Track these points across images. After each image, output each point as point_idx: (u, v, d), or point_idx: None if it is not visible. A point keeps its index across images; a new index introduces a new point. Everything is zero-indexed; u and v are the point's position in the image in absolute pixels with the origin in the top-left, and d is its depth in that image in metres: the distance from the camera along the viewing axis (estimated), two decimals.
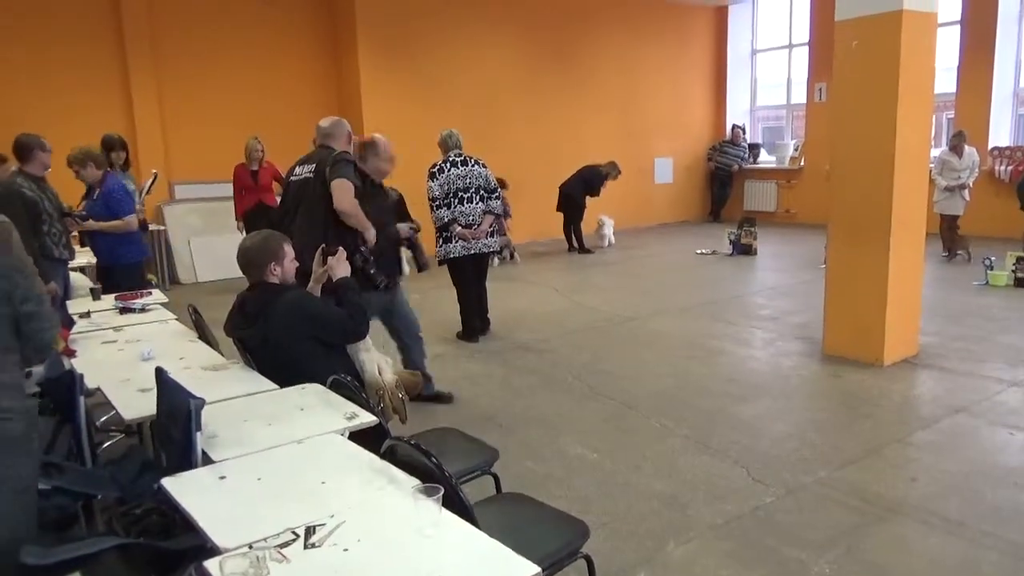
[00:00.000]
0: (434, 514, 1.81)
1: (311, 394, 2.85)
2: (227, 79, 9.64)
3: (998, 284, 7.55)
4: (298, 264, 3.36)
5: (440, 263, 6.11)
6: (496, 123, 10.90)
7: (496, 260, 9.22)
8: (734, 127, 13.66)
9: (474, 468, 2.82)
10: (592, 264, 10.06)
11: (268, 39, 9.91)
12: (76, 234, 5.66)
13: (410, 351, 4.80)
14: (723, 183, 13.72)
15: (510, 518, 2.40)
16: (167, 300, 4.84)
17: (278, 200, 8.55)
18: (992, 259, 7.70)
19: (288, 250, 3.25)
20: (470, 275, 6.14)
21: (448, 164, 5.94)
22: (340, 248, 3.53)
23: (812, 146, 12.46)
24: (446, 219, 5.91)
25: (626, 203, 12.46)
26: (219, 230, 9.19)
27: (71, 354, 3.42)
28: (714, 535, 3.15)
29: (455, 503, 1.95)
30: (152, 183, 7.17)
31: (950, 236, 8.99)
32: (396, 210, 5.51)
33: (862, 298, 5.26)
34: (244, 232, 7.84)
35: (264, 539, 1.79)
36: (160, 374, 2.58)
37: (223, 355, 3.57)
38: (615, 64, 12.51)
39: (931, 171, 8.46)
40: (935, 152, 8.61)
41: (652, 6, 12.75)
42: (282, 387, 2.95)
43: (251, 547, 1.75)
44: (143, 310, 4.48)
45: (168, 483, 2.12)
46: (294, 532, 1.83)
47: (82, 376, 2.68)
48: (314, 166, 4.17)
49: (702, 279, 8.78)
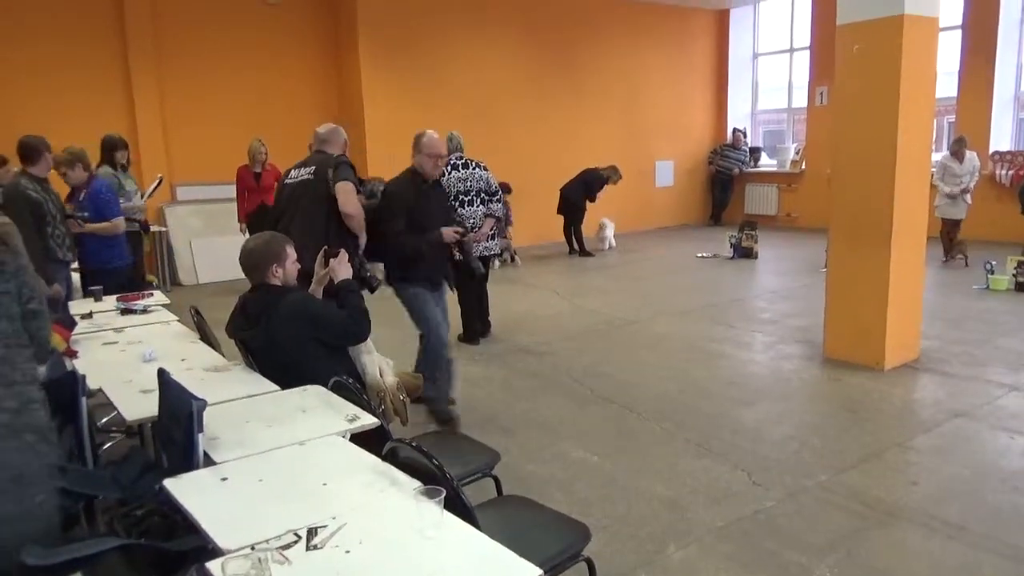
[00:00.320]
0: (436, 516, 1.82)
1: (312, 396, 2.85)
2: (229, 80, 9.65)
3: (999, 288, 7.55)
4: (299, 265, 3.37)
5: None
6: (497, 126, 10.91)
7: (497, 263, 9.22)
8: (735, 131, 13.67)
9: (475, 470, 2.82)
10: (593, 267, 10.07)
11: (270, 40, 9.93)
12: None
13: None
14: (724, 187, 13.73)
15: (511, 520, 2.40)
16: (168, 301, 4.84)
17: None
18: (993, 263, 7.70)
19: (290, 252, 3.25)
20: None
21: (449, 167, 5.94)
22: (342, 250, 3.54)
23: (813, 150, 12.48)
24: None
25: (627, 206, 12.46)
26: (220, 231, 9.21)
27: (73, 355, 3.43)
28: (714, 538, 3.16)
29: (457, 505, 1.95)
30: (156, 187, 7.18)
31: (951, 240, 9.00)
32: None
33: (863, 302, 5.26)
34: (247, 234, 7.85)
35: (266, 540, 1.80)
36: (162, 375, 2.58)
37: (225, 356, 3.57)
38: (616, 67, 12.53)
39: (932, 177, 8.45)
40: (936, 157, 8.62)
41: (654, 9, 12.76)
42: (283, 389, 2.95)
43: (253, 548, 1.75)
44: (145, 311, 4.48)
45: (170, 484, 2.12)
46: (296, 534, 1.83)
47: (84, 377, 2.68)
48: (313, 168, 4.20)
49: (703, 282, 8.78)
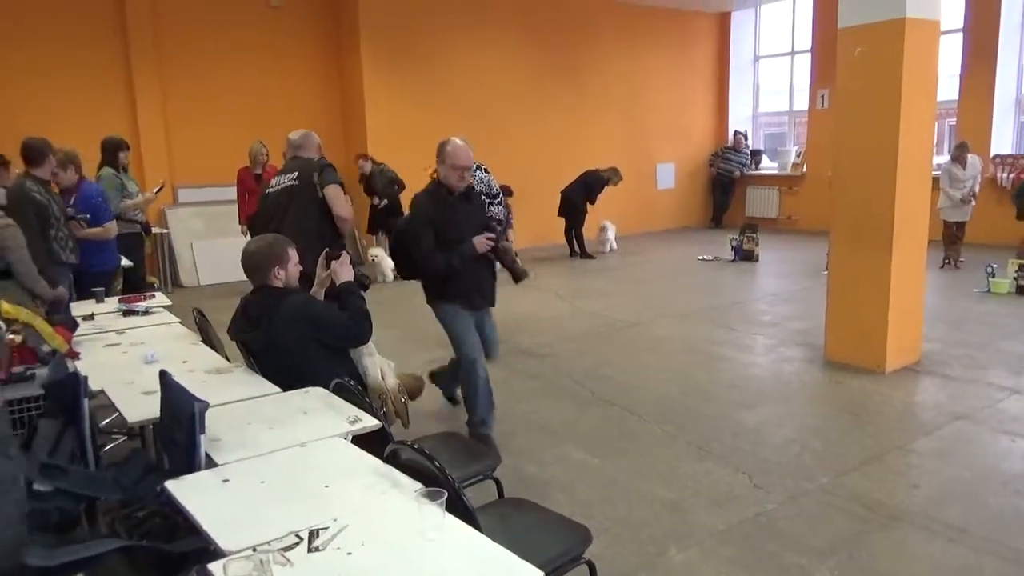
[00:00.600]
0: (437, 518, 1.82)
1: (314, 398, 2.85)
2: (230, 82, 9.66)
3: (1000, 291, 7.55)
4: (301, 268, 3.38)
5: None
6: (498, 128, 10.91)
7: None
8: (736, 133, 13.67)
9: (476, 473, 2.83)
10: (594, 269, 10.07)
11: (272, 42, 9.94)
12: None
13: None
14: (725, 189, 13.73)
15: (513, 523, 2.40)
16: (170, 303, 4.85)
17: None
18: (994, 266, 7.70)
19: (292, 254, 3.26)
20: None
21: None
22: (344, 252, 3.55)
23: (814, 152, 12.48)
24: None
25: (628, 209, 12.47)
26: (221, 233, 9.21)
27: (75, 356, 3.43)
28: (716, 541, 3.16)
29: (458, 507, 1.95)
30: (159, 191, 7.21)
31: (951, 243, 8.98)
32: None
33: (864, 304, 5.26)
34: (248, 236, 7.84)
35: (268, 542, 1.80)
36: (164, 377, 2.58)
37: (227, 358, 3.57)
38: (618, 70, 12.54)
39: (940, 183, 8.42)
40: (937, 160, 8.60)
41: (655, 12, 12.78)
42: (285, 390, 2.95)
43: (255, 550, 1.75)
44: (146, 313, 4.48)
45: (172, 486, 2.12)
46: (298, 535, 1.83)
47: (86, 378, 2.68)
48: (296, 174, 4.25)
49: (704, 285, 8.79)
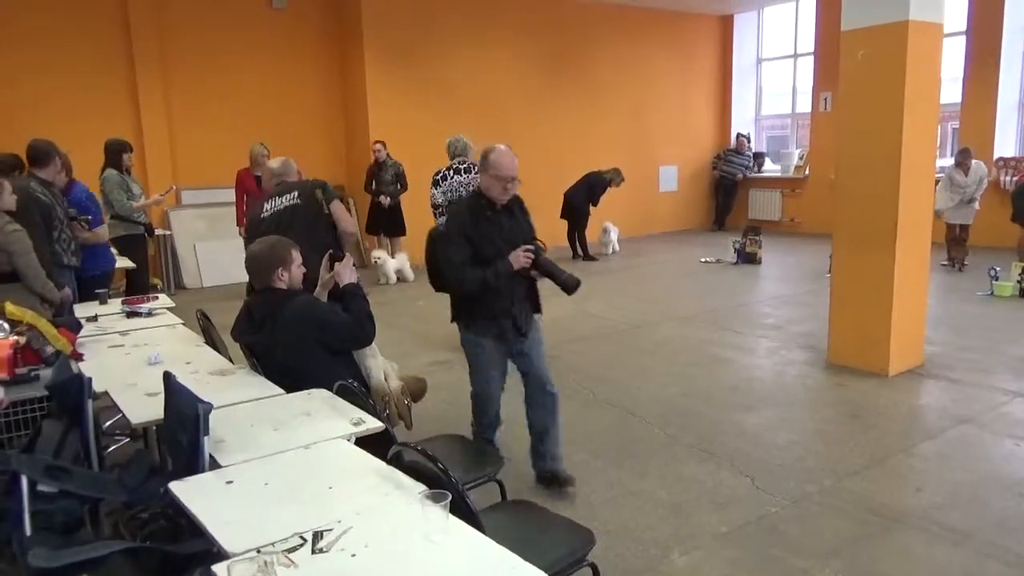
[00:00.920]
0: (441, 520, 1.82)
1: (317, 399, 2.85)
2: (234, 84, 9.68)
3: (1003, 294, 7.53)
4: (304, 270, 3.38)
5: None
6: (501, 130, 10.84)
7: None
8: (739, 136, 13.67)
9: (480, 475, 2.83)
10: (596, 271, 10.06)
11: (275, 44, 9.96)
12: None
13: (538, 412, 3.71)
14: (728, 192, 13.72)
15: (516, 525, 2.40)
16: (173, 305, 4.85)
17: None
18: (997, 269, 7.68)
19: (296, 256, 3.27)
20: None
21: (451, 171, 5.99)
22: (347, 254, 3.55)
23: (817, 155, 12.47)
24: None
25: (631, 211, 12.46)
26: (224, 235, 9.22)
27: (78, 358, 3.44)
28: (719, 544, 3.15)
29: (462, 509, 1.95)
30: (165, 194, 7.27)
31: (956, 245, 8.97)
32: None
33: (867, 307, 5.25)
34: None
35: (272, 544, 1.80)
36: (168, 379, 2.58)
37: (231, 360, 3.58)
38: (621, 72, 12.54)
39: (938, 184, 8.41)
40: (940, 163, 8.59)
41: (658, 15, 12.78)
42: (288, 392, 2.96)
43: (259, 551, 1.76)
44: (150, 314, 4.49)
45: (176, 487, 2.13)
46: (302, 537, 1.83)
47: (90, 380, 2.69)
48: (296, 193, 4.24)
49: (707, 287, 8.78)
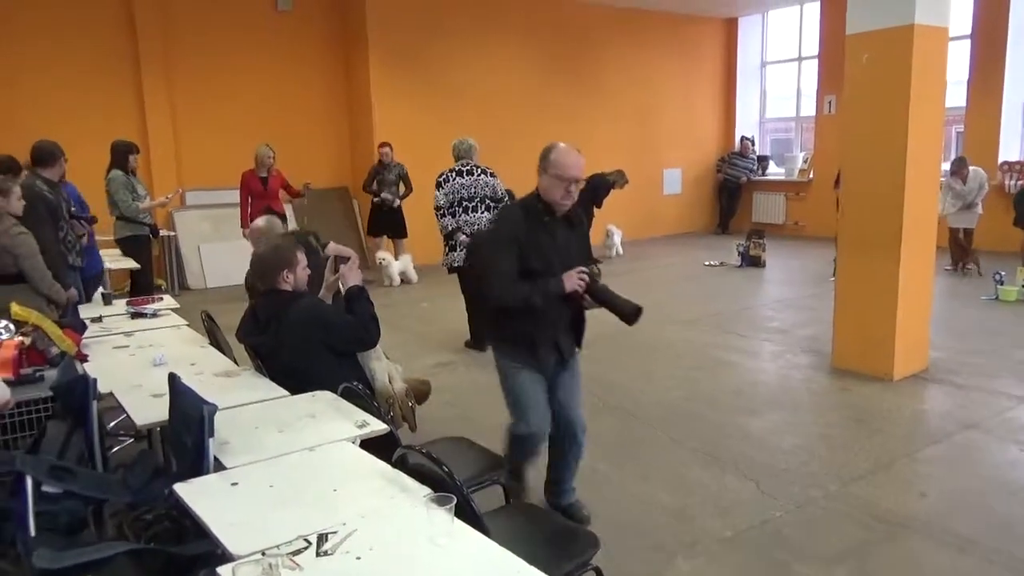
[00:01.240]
0: (446, 524, 1.82)
1: (322, 401, 2.85)
2: (239, 86, 9.69)
3: (1008, 299, 7.50)
4: (309, 272, 3.39)
5: (449, 271, 6.16)
6: (506, 132, 10.91)
7: None
8: (743, 139, 13.65)
9: (484, 478, 2.82)
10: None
11: (280, 46, 9.97)
12: None
13: (558, 461, 3.35)
14: (732, 195, 13.70)
15: (520, 528, 2.40)
16: (178, 306, 4.86)
17: (286, 208, 8.64)
18: (1002, 273, 7.66)
19: (301, 258, 3.27)
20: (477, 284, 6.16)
21: (454, 173, 6.02)
22: (352, 256, 3.55)
23: (821, 158, 12.44)
24: (450, 228, 5.99)
25: (634, 214, 12.45)
26: (229, 236, 9.22)
27: (83, 359, 3.44)
28: (723, 549, 3.15)
29: (467, 513, 1.95)
30: (171, 197, 7.31)
31: (960, 249, 8.96)
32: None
33: (872, 311, 5.24)
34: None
35: (276, 546, 1.80)
36: (173, 380, 2.59)
37: (236, 361, 3.58)
38: (625, 75, 12.54)
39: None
40: (946, 167, 8.58)
41: (662, 17, 12.78)
42: (293, 394, 2.96)
43: (264, 554, 1.76)
44: (155, 315, 4.50)
45: (180, 489, 2.13)
46: (306, 540, 1.83)
47: (95, 381, 2.69)
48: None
49: (710, 290, 8.76)
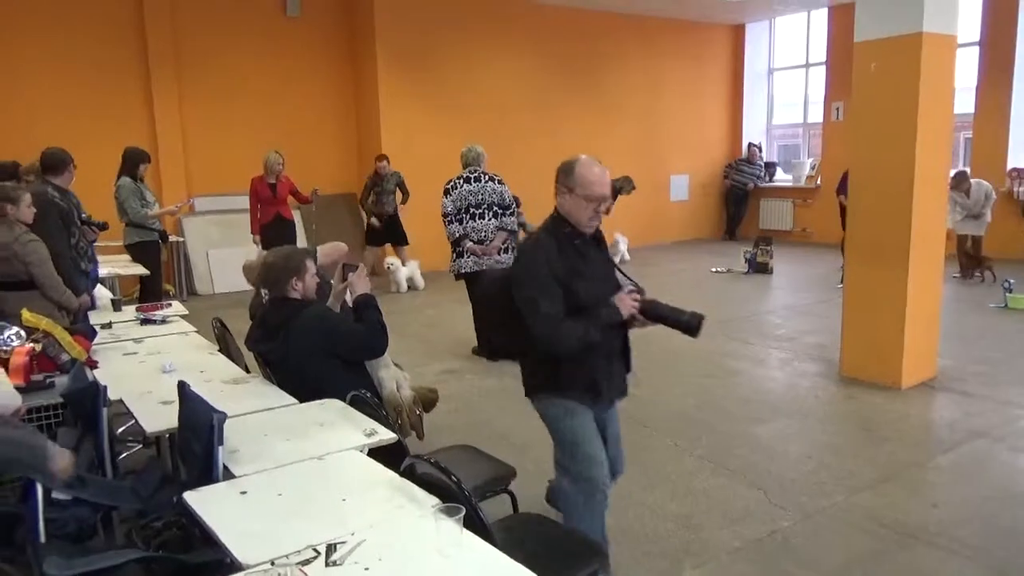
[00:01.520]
0: (455, 535, 1.81)
1: (330, 410, 2.86)
2: (247, 91, 9.75)
3: (1017, 307, 7.46)
4: (318, 280, 3.40)
5: (456, 278, 6.18)
6: (513, 137, 10.94)
7: None
8: (750, 145, 13.64)
9: (492, 486, 2.82)
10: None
11: (288, 52, 10.02)
12: None
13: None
14: (739, 201, 13.69)
15: (528, 538, 2.39)
16: (187, 312, 4.88)
17: (294, 214, 8.67)
18: (1011, 281, 7.63)
19: (310, 266, 3.28)
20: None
21: (461, 180, 6.04)
22: (360, 264, 3.56)
23: (828, 165, 12.42)
24: (457, 234, 6.01)
25: (641, 220, 12.45)
26: (237, 242, 9.26)
27: (93, 365, 3.46)
28: (730, 558, 3.14)
29: (475, 523, 1.95)
30: (182, 206, 7.36)
31: (968, 257, 8.93)
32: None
33: (880, 319, 5.22)
34: (259, 246, 7.89)
35: (286, 556, 1.80)
36: (183, 388, 2.60)
37: (247, 368, 3.59)
38: (632, 81, 12.56)
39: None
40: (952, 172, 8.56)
41: (670, 24, 12.79)
42: (302, 402, 2.96)
43: (273, 563, 1.76)
44: (164, 322, 4.52)
45: (190, 497, 2.13)
46: (315, 549, 1.83)
47: (106, 388, 2.71)
48: None
49: (717, 297, 8.75)
